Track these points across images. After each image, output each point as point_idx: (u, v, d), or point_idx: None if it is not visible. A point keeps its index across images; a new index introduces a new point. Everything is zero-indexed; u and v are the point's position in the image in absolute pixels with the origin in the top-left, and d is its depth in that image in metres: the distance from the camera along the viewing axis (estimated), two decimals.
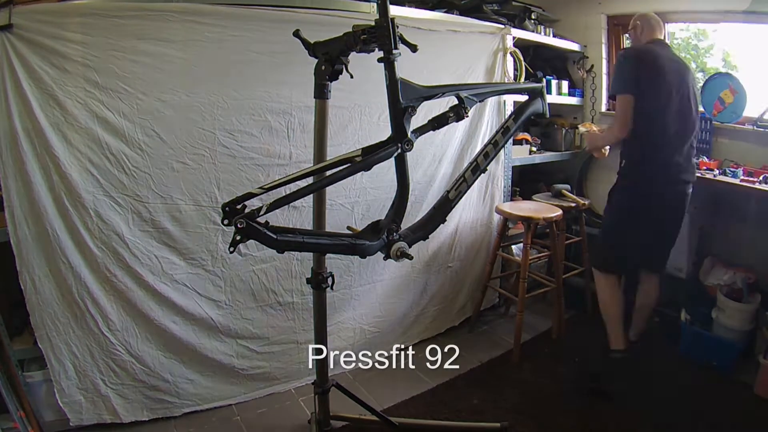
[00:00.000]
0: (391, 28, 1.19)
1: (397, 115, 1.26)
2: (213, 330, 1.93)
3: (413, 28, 2.08)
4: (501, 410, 1.97)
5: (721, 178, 2.32)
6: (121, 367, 1.79)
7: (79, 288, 1.67)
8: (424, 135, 1.34)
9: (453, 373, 2.22)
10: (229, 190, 1.81)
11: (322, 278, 1.50)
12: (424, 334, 2.51)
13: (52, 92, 1.52)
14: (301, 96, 1.87)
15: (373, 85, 1.79)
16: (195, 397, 1.93)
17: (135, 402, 1.83)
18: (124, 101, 1.63)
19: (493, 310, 2.88)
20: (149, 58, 1.63)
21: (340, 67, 1.30)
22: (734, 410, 1.98)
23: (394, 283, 2.38)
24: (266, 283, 2.01)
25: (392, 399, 2.04)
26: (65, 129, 1.56)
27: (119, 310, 1.75)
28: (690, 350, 2.35)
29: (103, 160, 1.64)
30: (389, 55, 1.20)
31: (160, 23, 1.62)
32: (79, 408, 1.74)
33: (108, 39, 1.57)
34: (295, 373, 2.13)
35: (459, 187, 1.42)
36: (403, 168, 1.32)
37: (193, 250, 1.84)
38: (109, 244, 1.69)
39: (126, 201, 1.70)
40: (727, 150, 2.55)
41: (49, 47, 1.49)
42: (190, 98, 1.72)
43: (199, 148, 1.77)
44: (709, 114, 2.52)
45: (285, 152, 1.93)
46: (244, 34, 1.76)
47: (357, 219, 2.15)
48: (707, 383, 2.17)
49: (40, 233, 1.59)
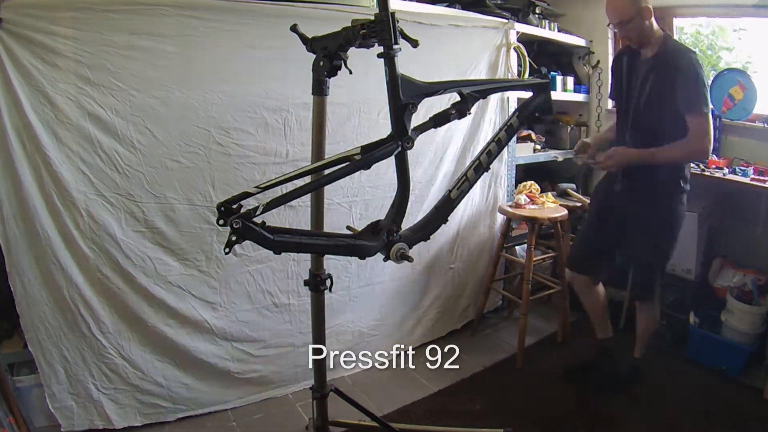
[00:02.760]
0: (391, 22, 1.18)
1: (397, 112, 1.26)
2: (208, 333, 1.93)
3: (414, 23, 2.08)
4: (504, 416, 1.97)
5: (731, 177, 2.32)
6: (114, 371, 1.78)
7: (70, 290, 1.67)
8: (425, 133, 1.33)
9: (455, 377, 2.22)
10: (225, 190, 1.81)
11: (320, 280, 1.50)
12: (425, 338, 2.50)
13: (42, 89, 1.52)
14: (298, 92, 1.86)
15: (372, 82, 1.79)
16: (189, 401, 1.93)
17: (128, 407, 1.83)
18: (117, 98, 1.62)
19: (496, 312, 2.88)
20: (142, 53, 1.63)
21: (338, 62, 1.30)
22: (743, 415, 1.99)
23: (394, 285, 2.38)
24: (262, 285, 2.01)
25: (393, 404, 2.04)
26: (56, 126, 1.56)
27: (111, 313, 1.75)
28: (698, 354, 2.35)
29: (95, 158, 1.64)
30: (389, 50, 1.20)
31: (153, 18, 1.62)
32: (71, 413, 1.74)
33: (100, 34, 1.56)
34: (292, 378, 2.13)
35: (461, 187, 1.42)
36: (404, 166, 1.32)
37: (187, 251, 1.84)
38: (101, 244, 1.69)
39: (119, 200, 1.70)
40: (737, 148, 2.55)
41: (39, 42, 1.49)
42: (184, 95, 1.72)
43: (194, 146, 1.77)
44: (719, 111, 2.52)
45: (282, 150, 1.93)
46: (240, 29, 1.76)
47: (355, 219, 2.15)
48: (716, 388, 2.17)
49: (30, 233, 1.59)
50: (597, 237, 2.09)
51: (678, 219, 1.92)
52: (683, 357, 2.38)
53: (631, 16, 1.78)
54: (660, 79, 1.82)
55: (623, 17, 1.80)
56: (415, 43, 1.24)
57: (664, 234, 1.93)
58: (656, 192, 1.89)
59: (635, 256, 2.03)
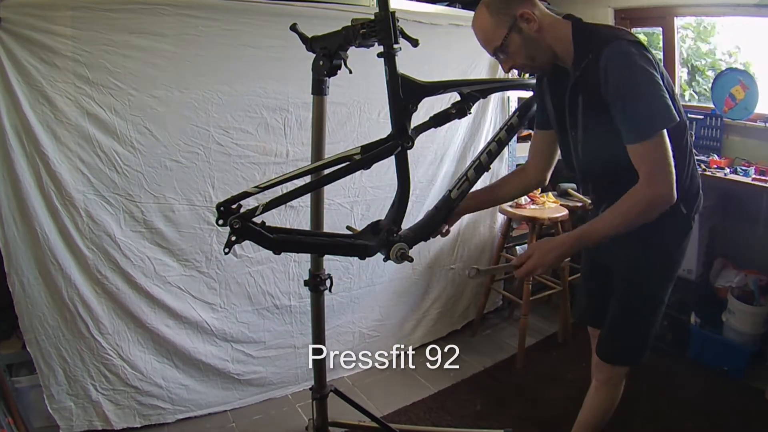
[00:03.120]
0: (391, 21, 1.18)
1: (397, 112, 1.26)
2: (207, 334, 1.93)
3: (414, 22, 2.08)
4: (505, 417, 1.98)
5: (732, 176, 2.32)
6: (113, 371, 1.78)
7: (69, 290, 1.67)
8: (426, 132, 1.33)
9: (455, 378, 2.22)
10: (224, 189, 1.81)
11: (320, 280, 1.50)
12: (425, 338, 2.51)
13: (41, 88, 1.52)
14: (298, 92, 1.86)
15: (372, 81, 1.80)
16: (189, 402, 1.93)
17: (127, 408, 1.83)
18: (116, 97, 1.62)
19: (496, 313, 2.88)
20: (141, 52, 1.63)
21: (338, 62, 1.30)
22: (745, 416, 1.98)
23: (395, 286, 2.38)
24: (262, 286, 2.01)
25: (392, 405, 2.04)
26: (55, 126, 1.56)
27: (110, 313, 1.75)
28: (699, 355, 2.35)
29: (94, 158, 1.64)
30: (389, 49, 1.20)
31: (152, 17, 1.62)
32: (69, 414, 1.74)
33: (99, 33, 1.56)
34: (292, 379, 2.13)
35: (461, 187, 1.42)
36: (404, 166, 1.32)
37: (186, 252, 1.84)
38: (100, 244, 1.69)
39: (118, 200, 1.70)
40: (738, 148, 2.55)
41: (37, 42, 1.49)
42: (183, 94, 1.72)
43: (193, 146, 1.77)
44: (720, 111, 2.52)
45: (282, 150, 1.93)
46: (240, 28, 1.76)
47: (356, 219, 2.15)
48: (717, 389, 2.17)
49: (28, 234, 1.59)
50: (594, 286, 1.57)
51: (672, 265, 1.37)
52: (684, 358, 2.38)
53: (504, 33, 1.19)
54: (588, 101, 1.20)
55: (495, 41, 1.20)
56: (415, 43, 1.24)
57: (650, 288, 1.37)
58: (644, 232, 1.21)
59: (612, 311, 1.43)
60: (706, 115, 2.64)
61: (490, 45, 1.24)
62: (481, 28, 1.23)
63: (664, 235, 1.31)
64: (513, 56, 1.23)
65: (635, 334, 1.40)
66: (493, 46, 1.23)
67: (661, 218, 1.18)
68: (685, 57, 2.88)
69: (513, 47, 1.21)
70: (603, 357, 1.44)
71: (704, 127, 2.63)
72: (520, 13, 1.18)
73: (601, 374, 1.47)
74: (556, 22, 1.22)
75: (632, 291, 1.38)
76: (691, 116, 2.70)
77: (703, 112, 2.67)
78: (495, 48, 1.23)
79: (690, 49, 2.88)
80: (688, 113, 2.66)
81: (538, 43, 1.21)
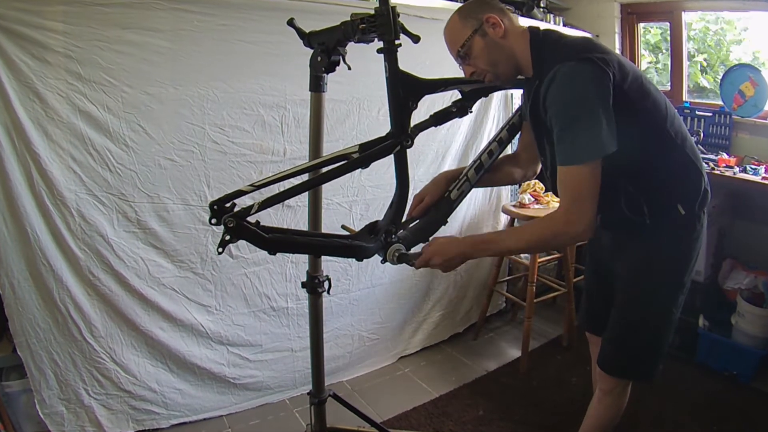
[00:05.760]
0: (391, 16, 1.18)
1: (397, 110, 1.25)
2: (203, 337, 1.93)
3: (415, 17, 2.06)
4: (508, 422, 1.97)
5: (742, 175, 2.31)
6: (105, 376, 1.78)
7: (60, 292, 1.66)
8: (426, 131, 1.33)
9: (457, 382, 2.22)
10: (220, 189, 1.81)
11: (318, 282, 1.50)
12: (426, 342, 2.50)
13: (31, 85, 1.51)
14: (295, 89, 1.86)
15: (372, 78, 1.79)
16: (183, 407, 1.93)
17: (120, 413, 1.82)
18: (109, 94, 1.62)
19: (499, 316, 2.88)
20: (135, 48, 1.62)
21: (337, 58, 1.30)
22: (755, 422, 1.98)
23: (395, 288, 2.38)
24: (259, 287, 2.00)
25: (393, 410, 2.04)
26: (46, 123, 1.56)
27: (103, 316, 1.75)
28: (708, 358, 2.35)
29: (87, 156, 1.63)
30: (390, 45, 1.20)
31: (146, 12, 1.61)
32: (61, 420, 1.73)
33: (91, 28, 1.55)
34: (289, 383, 2.13)
35: (461, 187, 1.41)
36: (404, 166, 1.31)
37: (181, 252, 1.84)
38: (92, 245, 1.68)
39: (110, 200, 1.69)
40: (748, 146, 2.54)
41: (28, 37, 1.48)
42: (178, 91, 1.71)
43: (188, 144, 1.77)
44: (729, 108, 2.52)
45: (279, 148, 1.93)
46: (236, 24, 1.75)
47: (355, 219, 2.15)
48: (726, 393, 2.16)
49: (19, 234, 1.58)
50: (598, 293, 1.53)
51: (678, 271, 1.33)
52: (692, 361, 2.38)
53: (468, 35, 1.21)
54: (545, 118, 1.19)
55: (458, 42, 1.23)
56: (416, 39, 1.23)
57: (654, 297, 1.34)
58: (643, 235, 1.28)
59: (613, 320, 1.39)
60: (714, 113, 2.63)
61: (453, 47, 1.26)
62: (448, 29, 1.28)
63: (663, 239, 1.29)
64: (475, 60, 1.24)
65: (641, 346, 1.35)
66: (456, 48, 1.25)
67: (658, 220, 1.23)
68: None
69: (475, 50, 1.22)
70: (606, 369, 1.40)
71: (713, 124, 2.63)
72: (487, 17, 1.20)
73: (604, 384, 1.43)
74: (524, 34, 1.24)
75: (634, 302, 1.35)
76: (699, 114, 2.70)
77: (711, 109, 2.67)
78: (458, 50, 1.25)
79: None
80: (696, 111, 2.70)
81: (502, 50, 1.22)
